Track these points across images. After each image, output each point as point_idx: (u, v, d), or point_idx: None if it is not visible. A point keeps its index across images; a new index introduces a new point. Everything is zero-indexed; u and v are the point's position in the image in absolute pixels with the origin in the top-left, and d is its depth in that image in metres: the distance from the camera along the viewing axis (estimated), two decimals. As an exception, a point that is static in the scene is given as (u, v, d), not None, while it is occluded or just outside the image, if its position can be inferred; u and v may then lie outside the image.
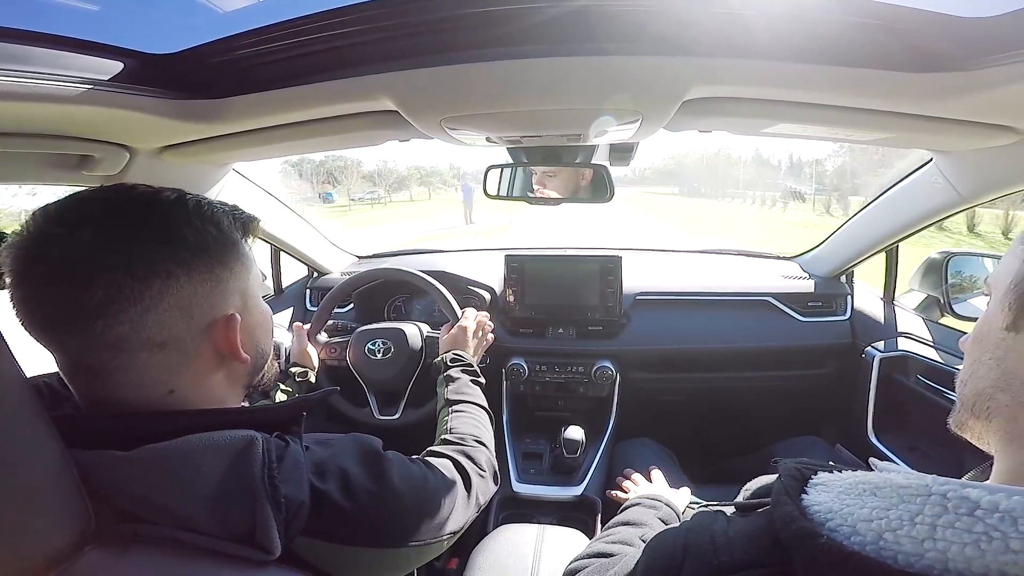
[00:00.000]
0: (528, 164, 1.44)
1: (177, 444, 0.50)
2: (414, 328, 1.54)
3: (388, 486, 0.64)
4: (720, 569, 0.46)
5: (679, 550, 0.51)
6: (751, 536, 0.48)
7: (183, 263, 0.55)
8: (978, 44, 0.63)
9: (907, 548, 0.36)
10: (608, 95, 0.79)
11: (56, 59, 0.65)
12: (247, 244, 0.64)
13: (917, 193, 1.36)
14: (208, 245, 0.57)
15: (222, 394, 0.62)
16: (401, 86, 0.77)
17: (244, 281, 0.62)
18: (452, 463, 0.83)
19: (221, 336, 0.59)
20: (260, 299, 0.67)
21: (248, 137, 0.97)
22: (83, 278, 0.50)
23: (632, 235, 17.91)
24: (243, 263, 0.62)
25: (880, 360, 1.61)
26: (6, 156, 0.85)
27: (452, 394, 1.09)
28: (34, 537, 0.42)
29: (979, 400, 0.47)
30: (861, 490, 0.42)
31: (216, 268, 0.58)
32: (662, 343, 1.79)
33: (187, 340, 0.56)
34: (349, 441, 0.67)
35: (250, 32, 0.72)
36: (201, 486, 0.49)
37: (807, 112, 0.84)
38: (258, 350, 0.66)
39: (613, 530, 0.90)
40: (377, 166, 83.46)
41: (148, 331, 0.53)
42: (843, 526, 0.40)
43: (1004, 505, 0.34)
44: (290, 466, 0.55)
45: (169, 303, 0.54)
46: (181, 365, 0.57)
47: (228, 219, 0.61)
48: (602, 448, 1.68)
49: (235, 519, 0.50)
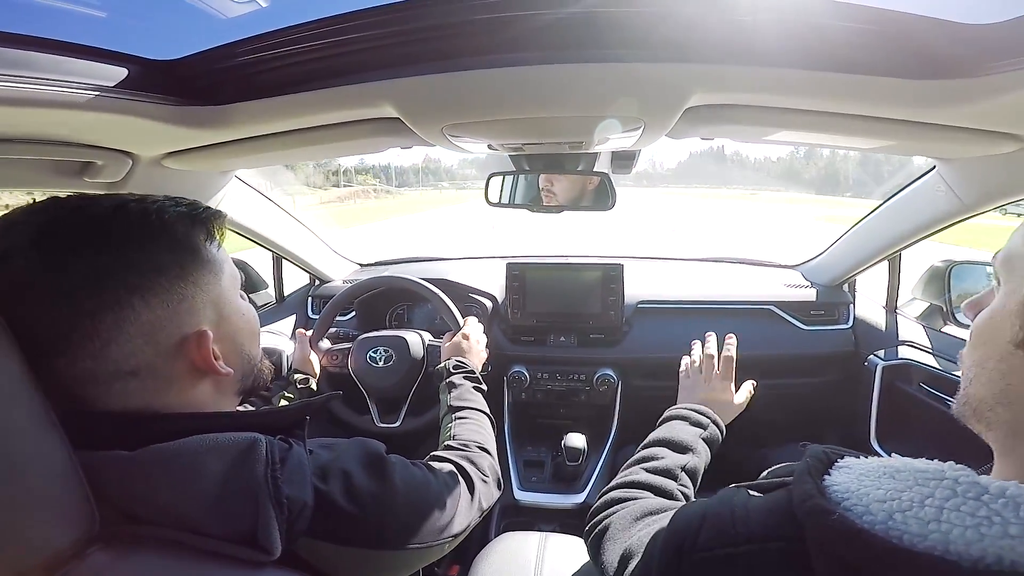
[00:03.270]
0: (530, 171, 1.44)
1: (181, 444, 0.50)
2: (416, 336, 1.54)
3: (390, 488, 0.64)
4: (736, 539, 0.48)
5: (698, 518, 0.52)
6: (769, 511, 0.49)
7: (135, 289, 0.51)
8: (982, 51, 0.62)
9: (913, 529, 0.37)
10: (610, 102, 0.79)
11: (58, 65, 0.64)
12: (212, 246, 0.59)
13: (920, 201, 1.36)
14: (161, 263, 0.53)
15: (213, 404, 0.61)
16: (403, 93, 0.77)
17: (214, 289, 0.58)
18: (455, 467, 0.83)
19: (194, 354, 0.56)
20: (239, 301, 0.64)
21: (250, 144, 0.97)
22: (26, 318, 0.47)
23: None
24: (210, 270, 0.58)
25: (883, 368, 1.60)
26: (8, 162, 0.85)
27: (455, 400, 1.08)
28: (38, 538, 0.42)
29: (980, 406, 0.46)
30: (881, 473, 0.43)
31: (176, 285, 0.54)
32: (664, 351, 1.78)
33: (158, 365, 0.54)
34: (352, 444, 0.66)
35: (253, 39, 0.72)
36: (204, 486, 0.49)
37: (810, 120, 0.84)
38: (243, 356, 0.64)
39: (651, 451, 0.87)
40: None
41: (114, 364, 0.51)
42: (857, 505, 0.41)
43: (1011, 491, 0.36)
44: (293, 467, 0.54)
45: (129, 332, 0.51)
46: (159, 388, 0.55)
47: (184, 223, 0.56)
48: (604, 456, 1.67)
49: (237, 519, 0.49)
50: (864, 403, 1.64)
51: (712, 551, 0.48)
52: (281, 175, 18.17)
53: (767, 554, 0.45)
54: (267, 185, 1.64)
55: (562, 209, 1.49)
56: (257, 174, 1.54)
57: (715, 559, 0.48)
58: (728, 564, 0.47)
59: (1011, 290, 0.45)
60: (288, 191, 28.62)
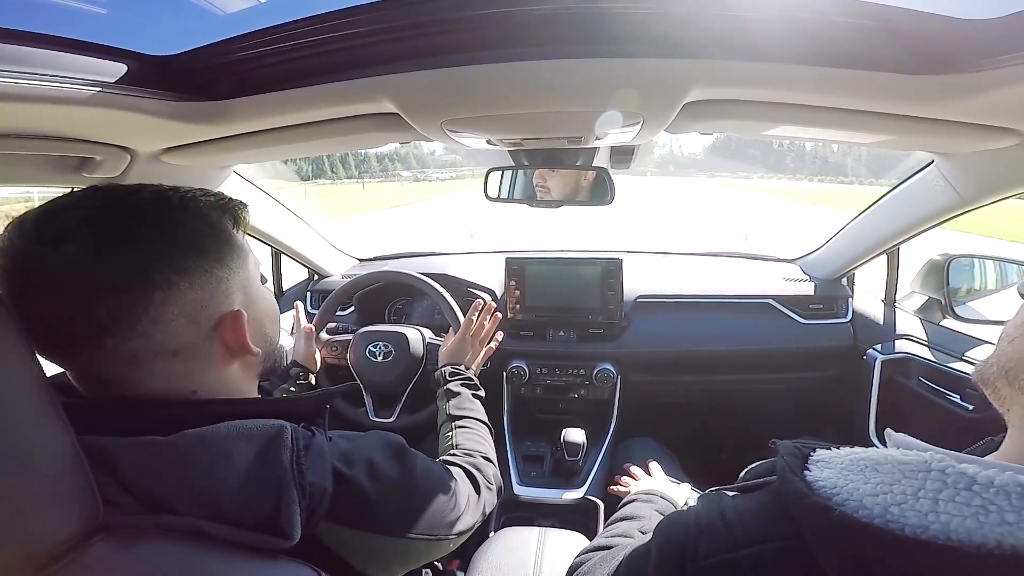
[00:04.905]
0: (529, 166, 1.44)
1: (215, 430, 0.52)
2: (416, 333, 1.54)
3: (410, 477, 0.68)
4: (735, 544, 0.48)
5: (692, 527, 0.53)
6: (759, 512, 0.50)
7: (180, 269, 0.54)
8: (980, 46, 0.62)
9: (913, 520, 0.38)
10: (609, 97, 0.79)
11: (56, 60, 0.64)
12: (240, 234, 0.63)
13: (918, 195, 1.36)
14: (202, 245, 0.56)
15: (241, 387, 0.64)
16: (402, 89, 0.77)
17: (243, 273, 0.61)
18: (464, 472, 0.86)
19: (229, 333, 0.58)
20: (262, 287, 0.67)
21: (249, 139, 0.97)
22: (82, 299, 0.50)
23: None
24: (239, 256, 0.61)
25: (882, 362, 1.61)
26: (6, 158, 0.85)
27: (454, 409, 1.10)
28: (41, 527, 0.42)
29: (1019, 366, 0.45)
30: (863, 466, 0.45)
31: (214, 267, 0.57)
32: (663, 346, 1.79)
33: (198, 344, 0.56)
34: (373, 435, 0.70)
35: (251, 34, 0.72)
36: (231, 471, 0.51)
37: (808, 114, 0.84)
38: (267, 339, 0.67)
39: (613, 526, 0.93)
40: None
41: (159, 342, 0.53)
42: (850, 500, 0.42)
43: (998, 480, 0.37)
44: (315, 454, 0.56)
45: (174, 312, 0.53)
46: (197, 369, 0.57)
47: (216, 211, 0.60)
48: (603, 450, 1.68)
49: (259, 505, 0.51)
50: (863, 397, 1.65)
51: (714, 558, 0.49)
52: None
53: (769, 554, 0.46)
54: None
55: (561, 204, 1.50)
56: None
57: (719, 565, 0.48)
58: (733, 568, 0.47)
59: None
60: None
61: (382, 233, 17.34)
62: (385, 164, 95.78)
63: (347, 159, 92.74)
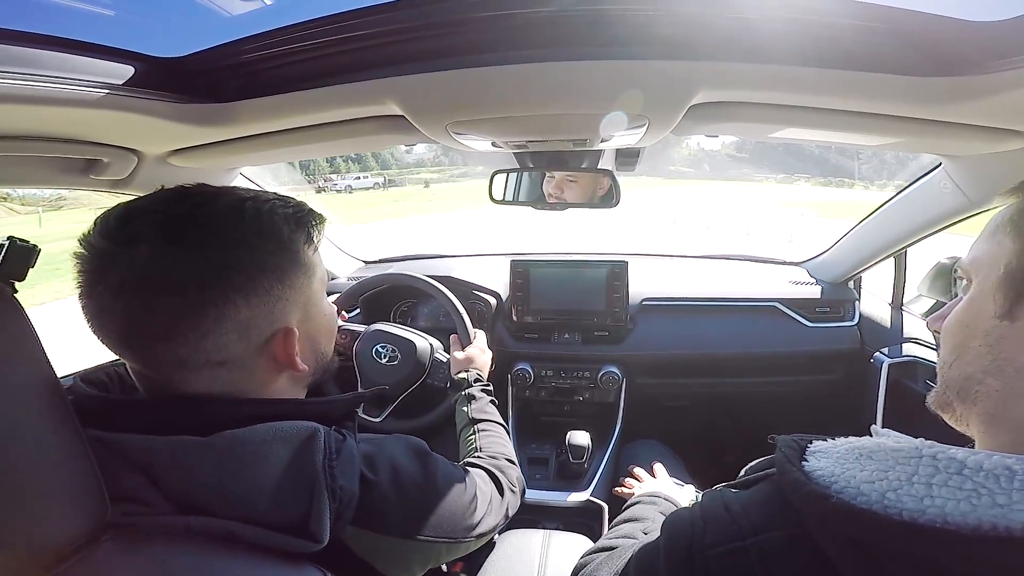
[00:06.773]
0: (533, 169, 1.43)
1: (252, 431, 0.52)
2: (425, 344, 1.52)
3: (433, 482, 0.68)
4: (741, 533, 0.49)
5: (698, 520, 0.54)
6: (761, 504, 0.51)
7: (239, 288, 0.54)
8: (988, 48, 0.62)
9: (909, 505, 0.40)
10: (615, 99, 0.79)
11: (64, 63, 0.65)
12: (310, 249, 0.62)
13: (926, 198, 1.35)
14: (265, 263, 0.56)
15: (286, 395, 0.64)
16: (407, 91, 0.77)
17: (306, 292, 0.61)
18: (488, 474, 0.87)
19: (279, 349, 0.59)
20: (324, 302, 0.67)
21: (255, 141, 0.98)
22: (144, 301, 0.50)
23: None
24: (304, 273, 0.60)
25: (889, 366, 1.59)
26: (15, 159, 0.86)
27: (476, 413, 1.11)
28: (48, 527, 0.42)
29: (967, 384, 0.48)
30: (857, 455, 0.46)
31: (275, 286, 0.56)
32: (668, 348, 1.78)
33: (246, 358, 0.57)
34: (396, 439, 0.70)
35: (258, 36, 0.72)
36: (267, 473, 0.51)
37: (815, 117, 0.84)
38: (319, 354, 0.67)
39: (617, 528, 0.94)
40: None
41: (208, 354, 0.54)
42: (848, 488, 0.44)
43: (987, 464, 0.39)
44: (346, 458, 0.57)
45: (226, 327, 0.54)
46: (242, 379, 0.58)
47: (290, 226, 0.59)
48: (608, 453, 1.67)
49: (292, 507, 0.51)
50: (869, 400, 1.64)
51: (721, 547, 0.50)
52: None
53: (775, 542, 0.47)
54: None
55: (567, 206, 1.49)
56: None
57: (727, 554, 0.49)
58: (741, 556, 0.48)
59: (984, 276, 0.48)
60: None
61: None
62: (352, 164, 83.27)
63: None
